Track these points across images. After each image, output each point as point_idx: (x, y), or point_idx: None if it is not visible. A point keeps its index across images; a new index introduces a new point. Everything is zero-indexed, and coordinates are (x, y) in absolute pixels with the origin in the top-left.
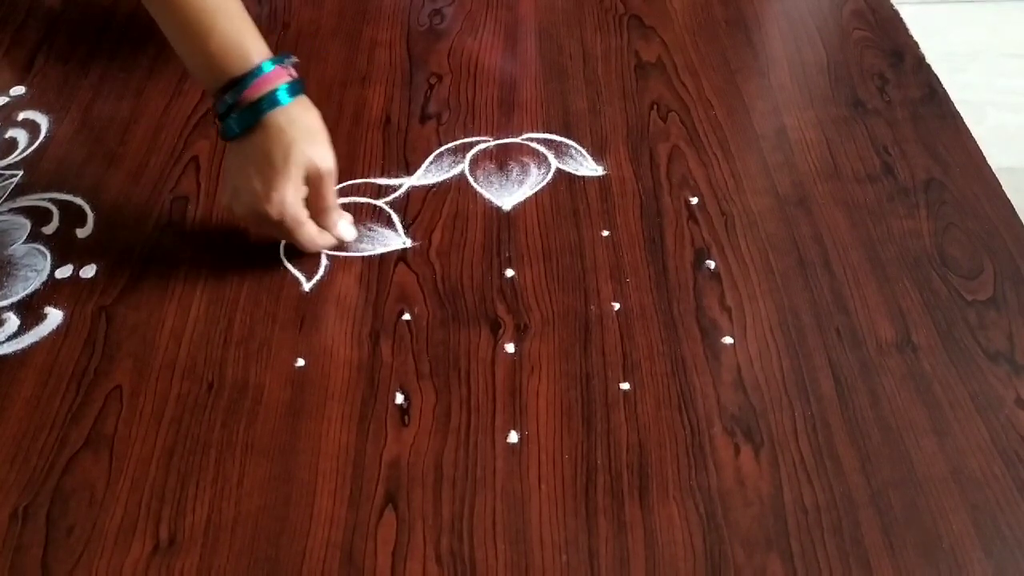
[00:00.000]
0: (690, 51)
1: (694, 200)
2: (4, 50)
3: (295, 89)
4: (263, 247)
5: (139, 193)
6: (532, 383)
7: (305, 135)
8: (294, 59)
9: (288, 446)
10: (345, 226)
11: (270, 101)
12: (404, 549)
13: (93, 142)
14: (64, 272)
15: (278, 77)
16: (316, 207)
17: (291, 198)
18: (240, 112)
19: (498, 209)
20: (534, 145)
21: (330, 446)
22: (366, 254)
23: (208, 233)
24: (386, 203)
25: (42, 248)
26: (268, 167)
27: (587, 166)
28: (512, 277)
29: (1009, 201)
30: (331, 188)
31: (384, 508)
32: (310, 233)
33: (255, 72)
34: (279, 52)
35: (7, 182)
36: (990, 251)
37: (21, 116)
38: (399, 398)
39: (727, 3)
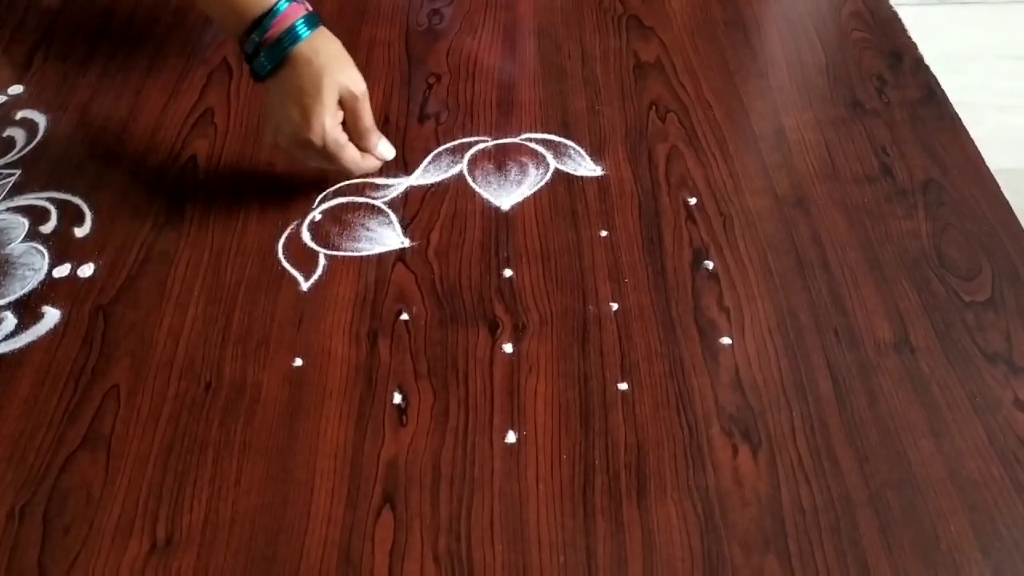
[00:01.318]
0: (689, 52)
1: (692, 200)
2: (2, 49)
3: (312, 22)
4: (260, 247)
5: (137, 192)
6: (530, 383)
7: (333, 62)
8: None
9: (286, 445)
10: (385, 146)
11: (291, 36)
12: (402, 549)
13: (91, 141)
14: (62, 271)
15: (295, 13)
16: (355, 130)
17: (330, 123)
18: (267, 51)
19: (496, 209)
20: (533, 145)
21: (328, 445)
22: (364, 254)
23: (206, 232)
24: (384, 203)
25: (40, 247)
26: (304, 98)
27: (585, 166)
28: (510, 277)
29: (1007, 202)
30: (367, 109)
31: (382, 508)
32: (352, 156)
33: (274, 11)
34: None
35: (5, 181)
36: (988, 252)
37: (19, 115)
38: (397, 398)
39: (726, 4)
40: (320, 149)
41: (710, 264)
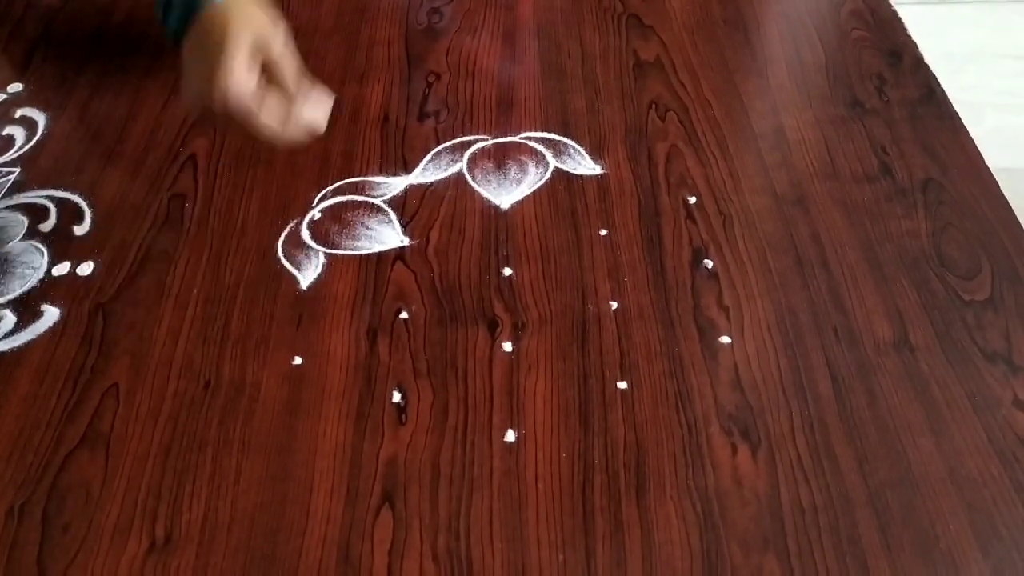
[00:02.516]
0: (688, 51)
1: (692, 199)
2: (2, 47)
3: None
4: (260, 246)
5: (137, 191)
6: (529, 382)
7: (244, 11)
8: None
9: (285, 444)
10: (313, 109)
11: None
12: (401, 547)
13: (91, 139)
14: (61, 269)
15: None
16: (278, 80)
17: (234, 86)
18: (177, 9)
19: (496, 208)
20: (532, 144)
21: (327, 444)
22: (363, 252)
23: (205, 231)
24: (384, 201)
25: (39, 245)
26: (207, 57)
27: (585, 165)
28: (510, 276)
29: (1007, 201)
30: (286, 57)
31: (381, 506)
32: (267, 123)
33: None
34: None
35: (4, 179)
36: (988, 251)
37: (19, 113)
38: (396, 396)
39: (726, 3)
40: (227, 117)
41: (709, 263)
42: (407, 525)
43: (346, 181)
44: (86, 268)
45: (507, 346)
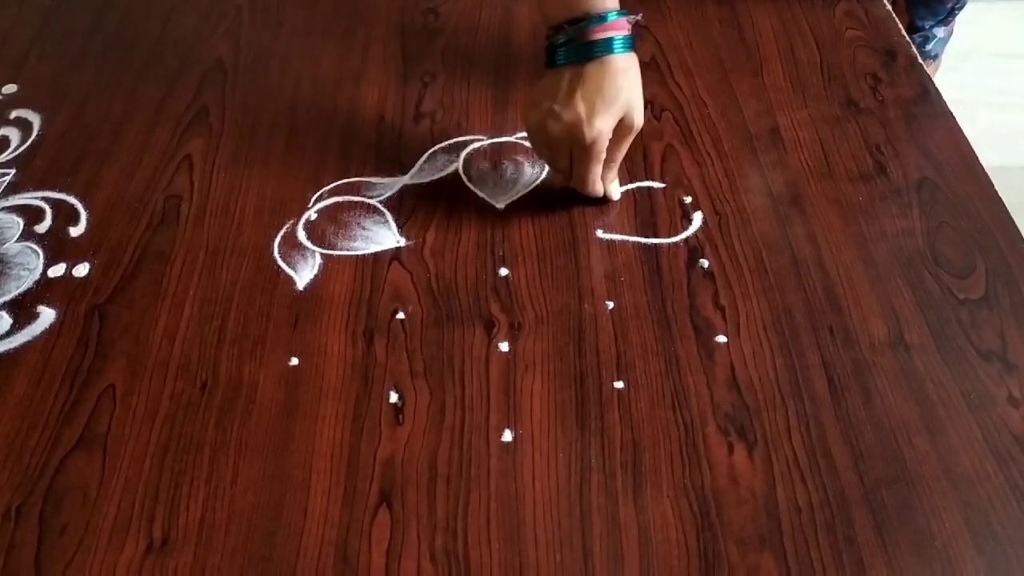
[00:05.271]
0: (684, 50)
1: (688, 199)
2: None
3: (629, 44)
4: (256, 247)
5: (132, 191)
6: (526, 382)
7: (634, 87)
8: (637, 18)
9: (282, 445)
10: (616, 186)
11: (604, 46)
12: (398, 548)
13: (86, 140)
14: (57, 271)
15: (620, 27)
16: (610, 156)
17: (607, 131)
18: (574, 47)
19: (492, 208)
20: (528, 144)
21: (324, 445)
22: (360, 253)
23: (202, 232)
24: (380, 202)
25: (35, 247)
26: (598, 97)
27: None
28: (506, 276)
29: (1001, 200)
30: (627, 144)
31: (378, 507)
32: (597, 172)
33: (603, 17)
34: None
35: None
36: (982, 250)
37: (13, 114)
38: (393, 397)
39: (720, 2)
40: (585, 148)
41: (705, 263)
42: (404, 525)
43: (342, 182)
44: (82, 269)
45: (504, 346)
